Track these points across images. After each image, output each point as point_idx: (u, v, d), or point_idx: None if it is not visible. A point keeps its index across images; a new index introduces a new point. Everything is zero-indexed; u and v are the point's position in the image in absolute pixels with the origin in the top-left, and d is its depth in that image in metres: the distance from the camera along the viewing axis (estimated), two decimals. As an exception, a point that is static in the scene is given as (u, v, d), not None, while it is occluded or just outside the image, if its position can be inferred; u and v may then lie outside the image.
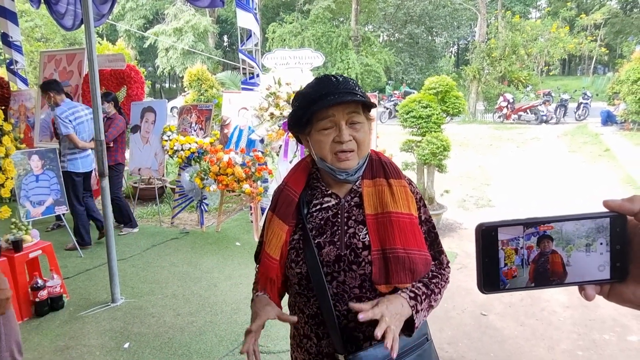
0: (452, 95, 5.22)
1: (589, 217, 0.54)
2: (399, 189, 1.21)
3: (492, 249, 0.55)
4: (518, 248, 0.55)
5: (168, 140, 5.65)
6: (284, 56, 5.29)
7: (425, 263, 1.17)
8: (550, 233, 0.54)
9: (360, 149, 1.19)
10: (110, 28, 25.90)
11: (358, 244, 1.18)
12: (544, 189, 7.17)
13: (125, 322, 3.36)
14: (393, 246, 1.14)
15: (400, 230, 1.15)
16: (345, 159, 1.17)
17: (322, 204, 1.24)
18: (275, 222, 1.25)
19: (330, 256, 1.18)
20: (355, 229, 1.19)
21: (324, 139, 1.18)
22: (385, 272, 1.13)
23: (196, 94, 11.37)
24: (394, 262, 1.13)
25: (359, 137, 1.18)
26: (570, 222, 0.54)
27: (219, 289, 3.90)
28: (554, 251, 0.54)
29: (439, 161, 5.11)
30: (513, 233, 0.55)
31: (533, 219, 0.54)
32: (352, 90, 1.16)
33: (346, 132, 1.16)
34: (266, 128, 4.83)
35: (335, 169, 1.19)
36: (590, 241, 0.54)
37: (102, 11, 5.93)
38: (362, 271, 1.16)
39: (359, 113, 1.18)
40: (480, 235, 0.55)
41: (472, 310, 3.47)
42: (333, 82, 1.18)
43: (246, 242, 5.10)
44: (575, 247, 0.54)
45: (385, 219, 1.17)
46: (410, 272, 1.13)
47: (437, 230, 1.30)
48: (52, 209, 4.61)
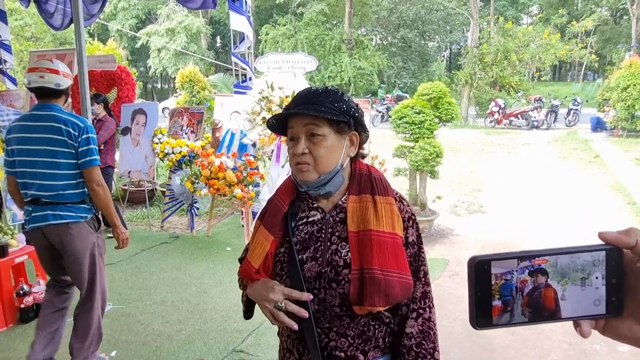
0: (445, 102, 5.23)
1: (585, 250, 0.53)
2: (384, 207, 1.16)
3: (485, 283, 0.53)
4: (512, 282, 0.53)
5: (159, 143, 5.60)
6: (277, 60, 5.26)
7: (405, 287, 1.10)
8: (544, 266, 0.53)
9: (317, 163, 1.15)
10: (101, 27, 25.71)
11: (339, 261, 1.14)
12: (535, 195, 7.21)
13: (112, 330, 3.30)
14: (370, 266, 1.09)
15: (380, 250, 1.10)
16: (301, 170, 1.16)
17: (308, 217, 1.22)
18: (261, 232, 1.22)
19: (312, 272, 1.15)
20: (338, 245, 1.16)
21: (289, 150, 1.20)
22: (360, 292, 1.08)
23: (188, 95, 11.32)
24: (369, 283, 1.07)
25: (315, 151, 1.15)
26: (565, 255, 0.53)
27: (209, 296, 3.85)
28: (549, 285, 0.53)
29: (431, 167, 5.11)
30: (506, 266, 0.53)
31: (527, 252, 0.53)
32: (317, 103, 1.14)
33: (302, 145, 1.15)
34: (258, 132, 4.79)
35: (297, 179, 1.20)
36: (586, 275, 0.52)
37: (92, 11, 5.86)
38: (341, 290, 1.12)
39: (319, 126, 1.14)
40: (472, 269, 0.53)
41: (464, 319, 3.45)
42: (303, 94, 1.18)
43: (237, 247, 5.05)
44: (571, 281, 0.53)
45: (365, 237, 1.12)
46: (385, 295, 1.07)
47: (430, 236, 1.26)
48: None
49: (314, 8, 24.74)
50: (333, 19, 28.63)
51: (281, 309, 1.10)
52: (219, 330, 3.30)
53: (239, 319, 3.43)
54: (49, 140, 2.44)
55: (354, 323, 1.14)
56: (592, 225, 5.69)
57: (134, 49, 29.43)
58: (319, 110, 1.12)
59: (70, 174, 2.49)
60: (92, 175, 2.50)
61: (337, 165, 1.18)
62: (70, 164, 2.48)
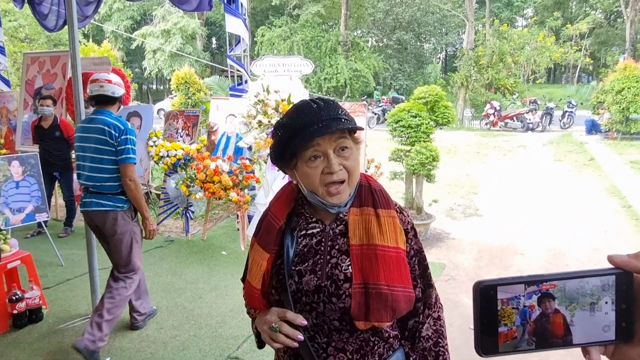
0: (441, 105, 5.22)
1: (594, 275, 0.51)
2: (387, 220, 1.13)
3: (491, 308, 0.52)
4: (518, 307, 0.52)
5: (154, 146, 5.56)
6: (272, 63, 5.24)
7: (408, 301, 1.10)
8: (552, 291, 0.51)
9: (351, 177, 1.12)
10: (96, 28, 25.58)
11: (340, 275, 1.11)
12: (530, 198, 7.22)
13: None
14: (377, 282, 1.07)
15: (385, 265, 1.08)
16: (336, 192, 1.09)
17: (307, 230, 1.19)
18: (257, 250, 1.20)
19: (310, 285, 1.12)
20: (338, 259, 1.13)
21: (312, 171, 1.09)
22: (365, 308, 1.06)
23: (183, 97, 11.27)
24: (376, 299, 1.06)
25: (349, 165, 1.10)
26: (574, 279, 0.51)
27: (204, 301, 3.82)
28: (557, 310, 0.52)
29: (427, 171, 5.10)
30: (513, 291, 0.52)
31: (535, 277, 0.52)
32: (336, 116, 1.08)
33: (335, 162, 1.08)
34: (254, 136, 4.76)
35: (328, 203, 1.11)
36: (595, 300, 0.51)
37: (86, 13, 5.81)
38: (341, 304, 1.09)
39: (347, 138, 1.11)
40: (478, 293, 0.52)
41: (460, 324, 3.44)
42: (314, 109, 1.08)
43: (232, 251, 5.02)
44: (579, 306, 0.51)
45: (370, 252, 1.10)
46: (392, 310, 1.06)
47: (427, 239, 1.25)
48: (32, 216, 4.49)
49: (310, 10, 24.74)
50: (329, 21, 28.64)
51: (276, 331, 1.08)
52: (214, 336, 3.26)
53: (234, 325, 3.40)
54: (97, 140, 2.92)
55: (353, 338, 1.12)
56: (587, 228, 5.70)
57: (129, 50, 29.33)
58: (346, 123, 1.07)
59: (111, 169, 2.94)
60: (126, 171, 2.92)
61: (359, 176, 1.17)
62: (111, 160, 2.92)
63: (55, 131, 5.23)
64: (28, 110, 6.44)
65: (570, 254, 4.89)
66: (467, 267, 4.61)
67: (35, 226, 5.38)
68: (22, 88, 6.48)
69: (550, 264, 4.62)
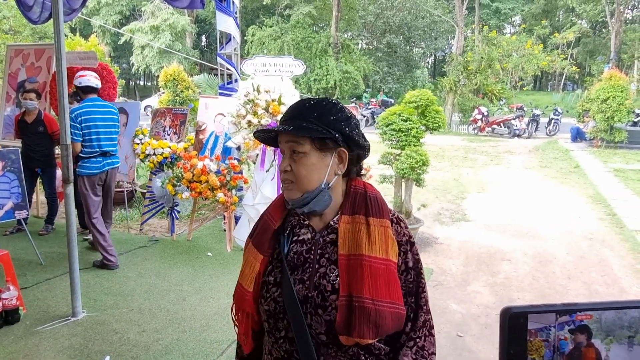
0: (432, 110, 5.21)
1: (634, 306, 0.46)
2: (378, 230, 1.07)
3: (520, 339, 0.46)
4: (548, 340, 0.46)
5: (140, 143, 5.45)
6: (263, 63, 5.17)
7: (396, 318, 1.03)
8: (587, 323, 0.46)
9: (298, 181, 1.10)
10: (83, 22, 25.17)
11: (327, 286, 1.06)
12: (517, 203, 7.26)
13: (85, 339, 3.16)
14: (360, 294, 1.01)
15: (371, 277, 1.02)
16: (286, 188, 1.13)
17: (299, 235, 1.14)
18: (250, 251, 1.16)
19: (299, 296, 1.07)
20: (327, 269, 1.08)
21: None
22: (347, 322, 1.01)
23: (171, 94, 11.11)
24: (359, 313, 1.00)
25: (295, 169, 1.10)
26: (611, 310, 0.46)
27: (188, 303, 3.73)
28: (591, 344, 0.46)
29: (417, 175, 5.08)
30: (543, 321, 0.46)
31: (570, 306, 0.46)
32: (301, 118, 1.09)
33: (285, 162, 1.12)
34: (243, 136, 4.68)
35: (284, 196, 1.16)
36: (633, 333, 0.46)
37: (74, 6, 5.65)
38: (327, 317, 1.04)
39: (300, 143, 1.09)
40: (506, 321, 0.46)
41: (448, 331, 3.42)
42: (293, 107, 1.15)
43: (218, 252, 4.93)
44: (616, 340, 0.46)
45: (356, 262, 1.04)
46: (375, 326, 1.00)
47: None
48: (11, 213, 4.35)
49: (301, 10, 24.69)
50: (320, 22, 28.63)
51: None
52: (198, 340, 3.18)
53: (218, 329, 3.33)
54: (112, 118, 4.35)
55: (342, 352, 1.06)
56: (573, 235, 5.74)
57: (117, 45, 28.93)
58: (298, 126, 1.07)
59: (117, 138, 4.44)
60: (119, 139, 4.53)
61: (322, 184, 1.10)
62: (117, 132, 4.44)
63: (39, 126, 5.09)
64: (10, 104, 6.27)
65: (556, 261, 4.91)
66: (454, 272, 4.60)
67: (15, 223, 5.22)
68: (5, 81, 6.30)
69: (537, 271, 4.63)
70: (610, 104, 12.39)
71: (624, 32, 25.61)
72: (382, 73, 26.24)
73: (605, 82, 12.94)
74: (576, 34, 26.92)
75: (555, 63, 20.39)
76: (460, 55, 19.28)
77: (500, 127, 16.44)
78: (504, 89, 19.40)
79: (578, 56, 30.56)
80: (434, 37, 30.25)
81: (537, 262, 4.87)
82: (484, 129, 16.74)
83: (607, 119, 12.50)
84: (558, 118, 16.31)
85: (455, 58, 19.12)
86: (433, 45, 31.33)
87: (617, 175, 9.37)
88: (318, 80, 22.68)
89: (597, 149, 12.92)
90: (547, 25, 28.78)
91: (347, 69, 22.73)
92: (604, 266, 4.78)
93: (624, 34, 25.66)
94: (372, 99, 22.23)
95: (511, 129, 16.03)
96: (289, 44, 23.07)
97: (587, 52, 30.29)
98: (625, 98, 12.37)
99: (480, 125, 16.80)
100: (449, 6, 27.62)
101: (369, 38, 29.78)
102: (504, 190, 8.16)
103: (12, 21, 12.44)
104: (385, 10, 26.93)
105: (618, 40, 24.78)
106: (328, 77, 22.42)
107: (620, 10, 24.23)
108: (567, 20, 32.36)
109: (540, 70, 20.96)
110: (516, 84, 20.88)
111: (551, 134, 16.19)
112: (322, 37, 23.86)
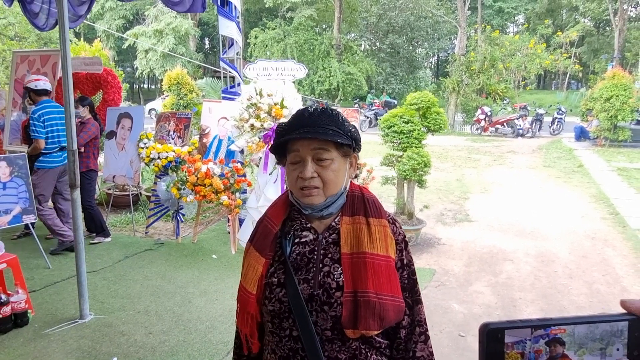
0: (433, 112, 5.24)
1: (605, 320, 0.50)
2: (378, 229, 1.15)
3: (498, 352, 0.50)
4: (524, 352, 0.50)
5: (144, 147, 5.51)
6: (266, 67, 5.23)
7: (398, 311, 1.11)
8: (561, 336, 0.50)
9: (326, 186, 1.14)
10: (88, 27, 25.36)
11: (332, 283, 1.12)
12: (520, 203, 7.27)
13: (93, 341, 3.22)
14: (365, 289, 1.08)
15: (374, 272, 1.10)
16: (308, 194, 1.14)
17: (301, 237, 1.19)
18: (252, 254, 1.21)
19: (304, 295, 1.13)
20: (331, 267, 1.14)
21: (291, 173, 1.17)
22: (354, 316, 1.08)
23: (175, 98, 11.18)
24: (364, 307, 1.07)
25: (325, 175, 1.14)
26: (584, 324, 0.50)
27: (194, 305, 3.79)
28: (565, 355, 0.50)
29: (419, 177, 5.12)
30: (520, 335, 0.50)
31: (543, 321, 0.50)
32: (323, 125, 1.12)
33: (310, 169, 1.13)
34: (246, 139, 4.74)
35: (301, 203, 1.17)
36: (605, 345, 0.50)
37: (79, 12, 5.74)
38: (333, 313, 1.10)
39: (327, 150, 1.13)
40: (484, 336, 0.50)
41: (450, 331, 3.45)
42: (305, 116, 1.15)
43: (223, 254, 4.99)
44: (589, 351, 0.50)
45: (359, 260, 1.12)
46: (379, 318, 1.07)
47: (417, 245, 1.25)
48: (19, 218, 4.42)
49: (303, 13, 24.76)
50: (322, 24, 28.69)
51: None
52: (204, 342, 3.24)
53: (224, 330, 3.38)
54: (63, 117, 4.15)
55: (345, 347, 1.12)
56: (575, 234, 5.75)
57: (121, 49, 29.11)
58: (327, 133, 1.11)
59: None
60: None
61: (342, 188, 1.19)
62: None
63: (44, 131, 5.16)
64: (17, 110, 6.35)
65: (559, 261, 4.93)
66: (457, 272, 4.63)
67: (22, 228, 5.30)
68: (11, 87, 6.38)
69: (539, 271, 4.66)
70: (613, 103, 12.37)
71: (627, 31, 25.52)
72: (385, 74, 26.26)
73: (609, 81, 12.92)
74: (580, 32, 26.82)
75: (558, 62, 20.35)
76: (463, 56, 19.28)
77: (504, 127, 16.44)
78: (507, 89, 19.38)
79: (582, 55, 30.47)
80: (436, 38, 30.25)
81: (539, 262, 4.89)
82: (487, 129, 16.74)
83: (610, 117, 12.48)
84: (562, 117, 16.28)
85: (458, 58, 19.12)
86: (436, 45, 31.33)
87: (621, 174, 9.36)
88: (321, 82, 22.73)
89: (600, 148, 12.90)
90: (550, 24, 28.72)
91: (350, 70, 22.76)
92: (605, 265, 4.80)
93: (627, 32, 25.57)
94: (375, 100, 22.26)
95: (514, 129, 16.02)
96: (292, 46, 23.13)
97: (591, 51, 30.19)
98: (629, 97, 12.33)
99: (483, 125, 16.80)
100: (451, 7, 27.61)
101: (372, 39, 29.82)
102: (507, 191, 8.18)
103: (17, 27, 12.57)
104: (387, 11, 26.96)
105: (622, 38, 24.69)
106: (331, 79, 22.46)
107: (623, 8, 24.15)
108: (570, 18, 32.27)
109: (544, 70, 20.93)
110: (519, 84, 20.85)
111: (555, 134, 16.16)
112: (324, 39, 23.92)
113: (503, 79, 19.35)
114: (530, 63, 18.83)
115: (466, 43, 20.99)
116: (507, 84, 19.61)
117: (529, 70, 19.39)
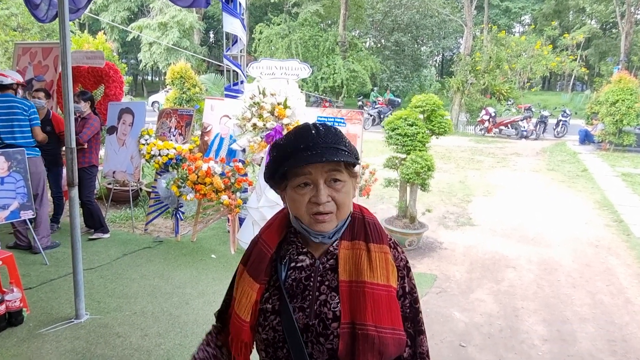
0: (438, 115, 5.17)
1: None
2: (379, 256, 1.08)
3: None
4: None
5: (145, 144, 5.46)
6: (269, 66, 5.15)
7: (398, 344, 1.04)
8: None
9: (339, 210, 1.06)
10: (92, 18, 25.25)
11: (328, 313, 1.05)
12: (523, 207, 7.20)
13: (88, 342, 3.17)
14: (363, 322, 1.01)
15: (374, 304, 1.03)
16: (322, 221, 1.04)
17: (297, 262, 1.12)
18: (246, 280, 1.13)
19: (299, 324, 1.06)
20: (328, 296, 1.07)
21: (299, 198, 1.05)
22: (351, 350, 1.01)
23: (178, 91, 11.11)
24: (362, 341, 1.00)
25: (339, 198, 1.05)
26: None
27: (191, 307, 3.73)
28: None
29: (422, 180, 5.05)
30: None
31: None
32: (334, 145, 1.03)
33: (324, 193, 1.03)
34: (248, 139, 4.68)
35: (311, 231, 1.07)
36: None
37: (79, 4, 5.67)
38: (329, 345, 1.03)
39: (341, 171, 1.05)
40: None
41: (451, 341, 3.39)
42: (312, 134, 1.04)
43: (222, 254, 4.94)
44: None
45: (359, 289, 1.04)
46: (378, 354, 1.00)
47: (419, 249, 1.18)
48: (17, 213, 4.37)
49: (308, 8, 24.61)
50: (328, 20, 28.53)
51: None
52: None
53: (221, 334, 3.32)
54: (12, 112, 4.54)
55: None
56: (579, 241, 5.68)
57: (125, 41, 29.03)
58: (342, 154, 1.03)
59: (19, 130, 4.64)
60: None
61: (350, 210, 1.12)
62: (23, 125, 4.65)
63: (46, 125, 5.10)
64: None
65: (562, 269, 4.87)
66: (458, 279, 4.57)
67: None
68: (12, 79, 6.32)
69: (542, 279, 4.59)
70: (619, 107, 12.27)
71: (634, 34, 25.32)
72: (389, 72, 26.14)
73: (615, 85, 12.81)
74: (586, 34, 26.62)
75: (564, 64, 20.20)
76: (468, 55, 19.15)
77: (508, 128, 16.34)
78: (512, 89, 19.25)
79: (589, 58, 30.30)
80: (442, 36, 30.11)
81: (542, 270, 4.83)
82: (491, 129, 16.64)
83: (615, 122, 12.37)
84: (566, 120, 16.18)
85: (463, 58, 18.99)
86: (441, 44, 31.18)
87: (625, 179, 9.28)
88: (325, 79, 22.62)
89: (605, 152, 12.80)
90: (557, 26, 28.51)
91: (355, 67, 22.64)
92: (609, 275, 4.73)
93: (634, 35, 25.36)
94: (379, 98, 22.16)
95: (519, 130, 15.91)
96: (297, 42, 23.00)
97: (598, 54, 30.00)
98: (635, 101, 12.22)
99: (487, 126, 16.69)
100: (457, 5, 27.43)
101: (377, 36, 29.67)
102: (510, 194, 8.10)
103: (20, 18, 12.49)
104: (393, 9, 26.81)
105: (628, 41, 24.49)
106: (335, 76, 22.35)
107: (630, 11, 23.94)
108: (577, 20, 32.05)
109: (549, 71, 20.78)
110: (524, 84, 20.71)
111: (559, 136, 16.07)
112: (329, 36, 23.77)
113: (508, 79, 19.22)
114: (536, 64, 18.69)
115: (472, 42, 20.83)
116: (512, 85, 19.48)
117: (534, 71, 19.25)
